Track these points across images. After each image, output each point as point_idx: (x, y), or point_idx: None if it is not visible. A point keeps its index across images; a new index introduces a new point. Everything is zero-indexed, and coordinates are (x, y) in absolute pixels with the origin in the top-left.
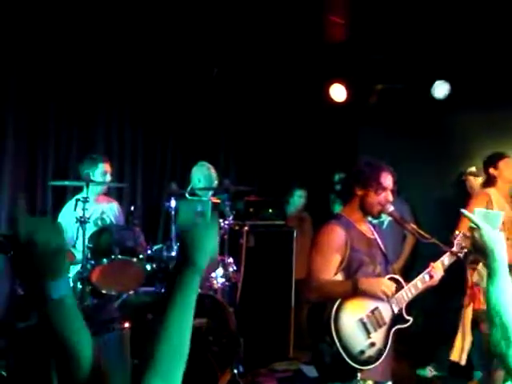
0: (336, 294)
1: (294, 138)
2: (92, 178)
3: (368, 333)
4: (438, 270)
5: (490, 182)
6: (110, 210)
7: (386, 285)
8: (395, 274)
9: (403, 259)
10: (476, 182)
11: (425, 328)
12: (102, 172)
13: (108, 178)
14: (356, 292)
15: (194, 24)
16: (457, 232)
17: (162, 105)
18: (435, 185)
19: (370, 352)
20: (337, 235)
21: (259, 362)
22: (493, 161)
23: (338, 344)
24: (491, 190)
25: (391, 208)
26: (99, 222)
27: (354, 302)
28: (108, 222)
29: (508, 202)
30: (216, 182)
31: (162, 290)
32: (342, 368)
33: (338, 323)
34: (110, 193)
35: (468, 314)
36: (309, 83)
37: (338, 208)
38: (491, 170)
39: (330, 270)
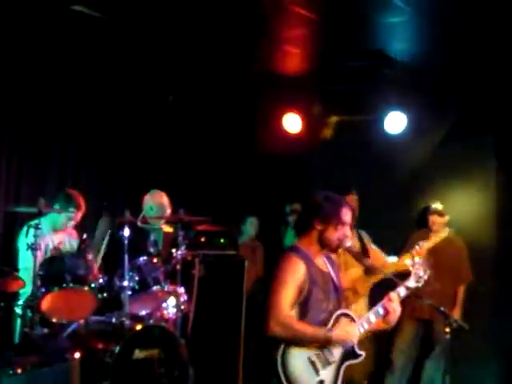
0: (304, 339)
1: (246, 167)
2: (57, 213)
3: (317, 371)
4: (393, 303)
5: None
6: (68, 242)
7: (353, 331)
8: (346, 308)
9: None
10: (442, 219)
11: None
12: (71, 217)
13: (70, 224)
14: (326, 343)
15: (149, 52)
16: (416, 259)
17: (116, 131)
18: (392, 218)
19: None
20: (298, 269)
21: None
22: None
23: (284, 382)
24: None
25: (349, 243)
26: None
27: None
28: (64, 251)
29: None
30: (169, 211)
31: (113, 320)
32: None
33: (285, 362)
34: None
35: None
36: (264, 113)
37: (289, 239)
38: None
39: (291, 304)
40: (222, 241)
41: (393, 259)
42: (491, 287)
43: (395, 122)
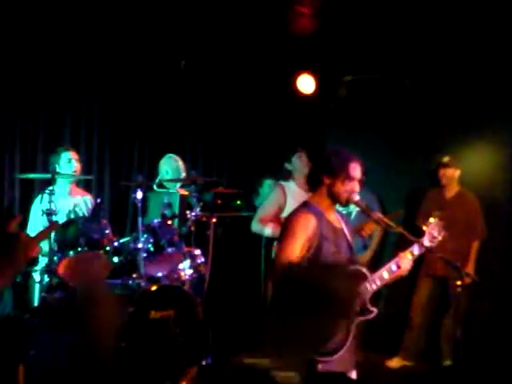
0: None
1: (261, 130)
2: (58, 169)
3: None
4: (406, 260)
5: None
6: (84, 203)
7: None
8: (360, 264)
9: (372, 250)
10: (452, 172)
11: (392, 317)
12: (66, 160)
13: (74, 164)
14: None
15: (160, 17)
16: (431, 220)
17: (129, 97)
18: (408, 175)
19: (331, 343)
20: (309, 223)
21: (229, 353)
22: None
23: None
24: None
25: (357, 197)
26: (71, 215)
27: None
28: (80, 214)
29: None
30: (184, 174)
31: (129, 282)
32: None
33: None
34: (77, 185)
35: None
36: (277, 75)
37: None
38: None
39: (300, 256)
40: (238, 203)
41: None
42: (505, 244)
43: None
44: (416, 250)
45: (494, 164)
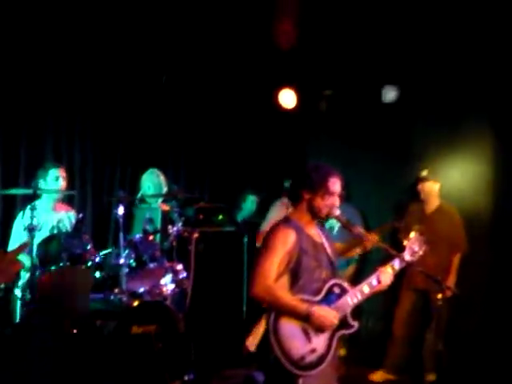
0: (284, 308)
1: (243, 144)
2: (44, 185)
3: (309, 339)
4: (387, 274)
5: None
6: (67, 219)
7: (333, 316)
8: (340, 278)
9: (353, 266)
10: (430, 186)
11: (375, 331)
12: (53, 177)
13: (61, 183)
14: (304, 320)
15: (142, 31)
16: (411, 234)
17: (111, 112)
18: (390, 188)
19: (311, 358)
20: (288, 238)
21: (210, 368)
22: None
23: (277, 350)
24: None
25: (338, 212)
26: (55, 231)
27: None
28: (64, 230)
29: None
30: (165, 189)
31: (111, 297)
32: (283, 373)
33: (277, 329)
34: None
35: None
36: (259, 89)
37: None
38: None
39: (279, 271)
40: (220, 217)
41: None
42: (486, 257)
43: (390, 93)
44: (397, 264)
45: (475, 176)
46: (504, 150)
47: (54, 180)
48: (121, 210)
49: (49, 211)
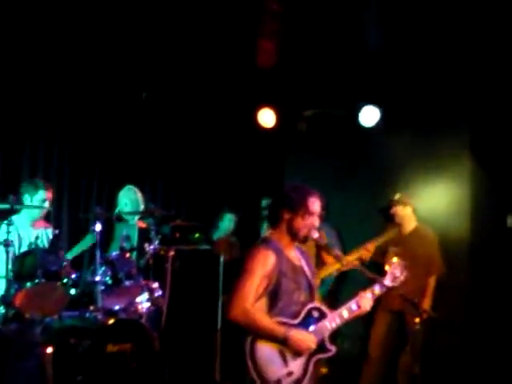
0: (261, 331)
1: (222, 163)
2: (29, 200)
3: (286, 362)
4: (366, 299)
5: None
6: (45, 235)
7: (310, 340)
8: (319, 301)
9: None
10: (403, 209)
11: (352, 352)
12: (41, 199)
13: (47, 206)
14: (282, 343)
15: (123, 47)
16: (394, 259)
17: (89, 128)
18: (365, 211)
19: (288, 381)
20: (267, 259)
21: None
22: None
23: (253, 373)
24: None
25: (316, 234)
26: (33, 247)
27: None
28: (41, 246)
29: None
30: (143, 206)
31: (86, 315)
32: None
33: (254, 352)
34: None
35: None
36: (238, 108)
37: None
38: None
39: (257, 294)
40: (196, 236)
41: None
42: (463, 280)
43: (369, 116)
44: (377, 289)
45: (452, 199)
46: (480, 173)
47: (41, 201)
48: (98, 227)
49: (27, 227)
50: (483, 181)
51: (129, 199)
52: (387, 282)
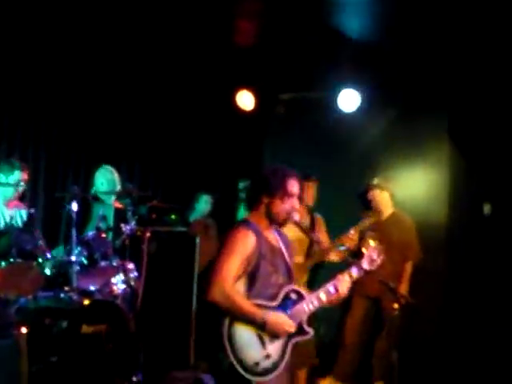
0: (239, 314)
1: (199, 145)
2: (5, 180)
3: (263, 345)
4: (344, 282)
5: None
6: (19, 216)
7: (288, 324)
8: (297, 284)
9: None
10: (381, 194)
11: (326, 338)
12: (16, 179)
13: (21, 187)
14: (259, 326)
15: (98, 28)
16: (370, 242)
17: (66, 107)
18: (342, 196)
19: (266, 364)
20: (248, 241)
21: (159, 369)
22: None
23: (231, 356)
24: None
25: (297, 217)
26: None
27: None
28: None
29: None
30: (119, 187)
31: (61, 295)
32: (236, 379)
33: (232, 335)
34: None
35: None
36: (217, 90)
37: (242, 215)
38: None
39: (237, 275)
40: (173, 217)
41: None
42: (441, 266)
43: (348, 99)
44: (355, 272)
45: (430, 185)
46: (459, 159)
47: (17, 182)
48: (74, 207)
49: (1, 207)
50: (461, 167)
51: (105, 179)
52: (365, 265)
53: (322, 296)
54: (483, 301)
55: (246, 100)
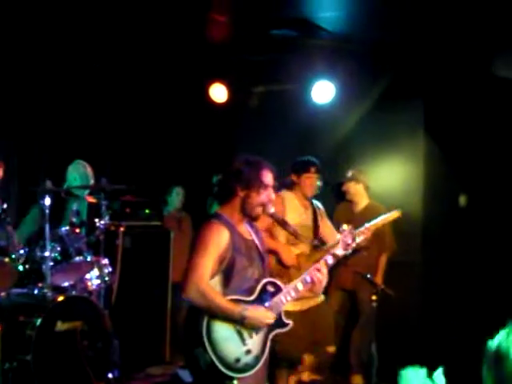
0: (218, 311)
1: (172, 138)
2: None
3: (243, 340)
4: (320, 270)
5: (289, 186)
6: None
7: (267, 317)
8: (272, 276)
9: None
10: (355, 186)
11: None
12: None
13: None
14: (239, 322)
15: (71, 18)
16: (344, 226)
17: (38, 101)
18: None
19: (247, 359)
20: (221, 236)
21: (135, 366)
22: (298, 170)
23: (211, 353)
24: (287, 193)
25: (272, 209)
26: None
27: None
28: None
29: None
30: (92, 181)
31: (35, 292)
32: (217, 376)
33: (210, 332)
34: None
35: None
36: (189, 82)
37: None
38: (294, 177)
39: (213, 272)
40: (146, 212)
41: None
42: (417, 258)
43: (323, 91)
44: (330, 259)
45: (406, 176)
46: (435, 151)
47: None
48: (47, 201)
49: None
50: (437, 159)
51: (78, 174)
52: (339, 251)
53: (299, 286)
54: (460, 292)
55: (218, 92)
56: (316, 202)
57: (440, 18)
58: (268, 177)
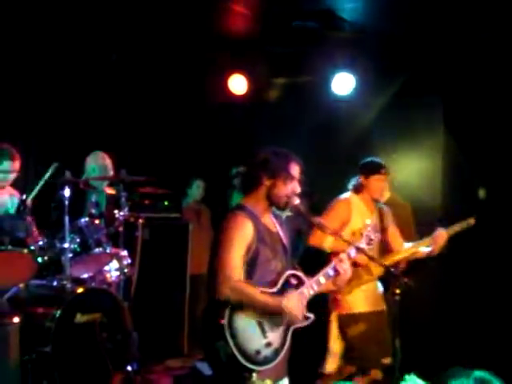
0: (254, 304)
1: (191, 129)
2: None
3: (264, 333)
4: (343, 263)
5: (357, 188)
6: (11, 202)
7: (302, 311)
8: (296, 269)
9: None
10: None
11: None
12: (6, 169)
13: (11, 177)
14: (277, 312)
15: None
16: (367, 221)
17: (57, 93)
18: (336, 184)
19: (267, 352)
20: (246, 228)
21: (153, 358)
22: (367, 172)
23: (232, 345)
24: (354, 197)
25: (297, 201)
26: None
27: None
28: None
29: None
30: (111, 172)
31: (54, 283)
32: (237, 368)
33: (232, 323)
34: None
35: (333, 320)
36: (209, 74)
37: (236, 202)
38: (362, 179)
39: (240, 265)
40: (166, 204)
41: (408, 245)
42: None
43: (343, 83)
44: (353, 252)
45: (423, 170)
46: (453, 146)
47: (6, 172)
48: (67, 193)
49: None
50: (456, 153)
51: (96, 165)
52: (363, 244)
53: (322, 279)
54: (478, 285)
55: (238, 84)
56: (382, 205)
57: (455, 14)
58: (295, 169)
